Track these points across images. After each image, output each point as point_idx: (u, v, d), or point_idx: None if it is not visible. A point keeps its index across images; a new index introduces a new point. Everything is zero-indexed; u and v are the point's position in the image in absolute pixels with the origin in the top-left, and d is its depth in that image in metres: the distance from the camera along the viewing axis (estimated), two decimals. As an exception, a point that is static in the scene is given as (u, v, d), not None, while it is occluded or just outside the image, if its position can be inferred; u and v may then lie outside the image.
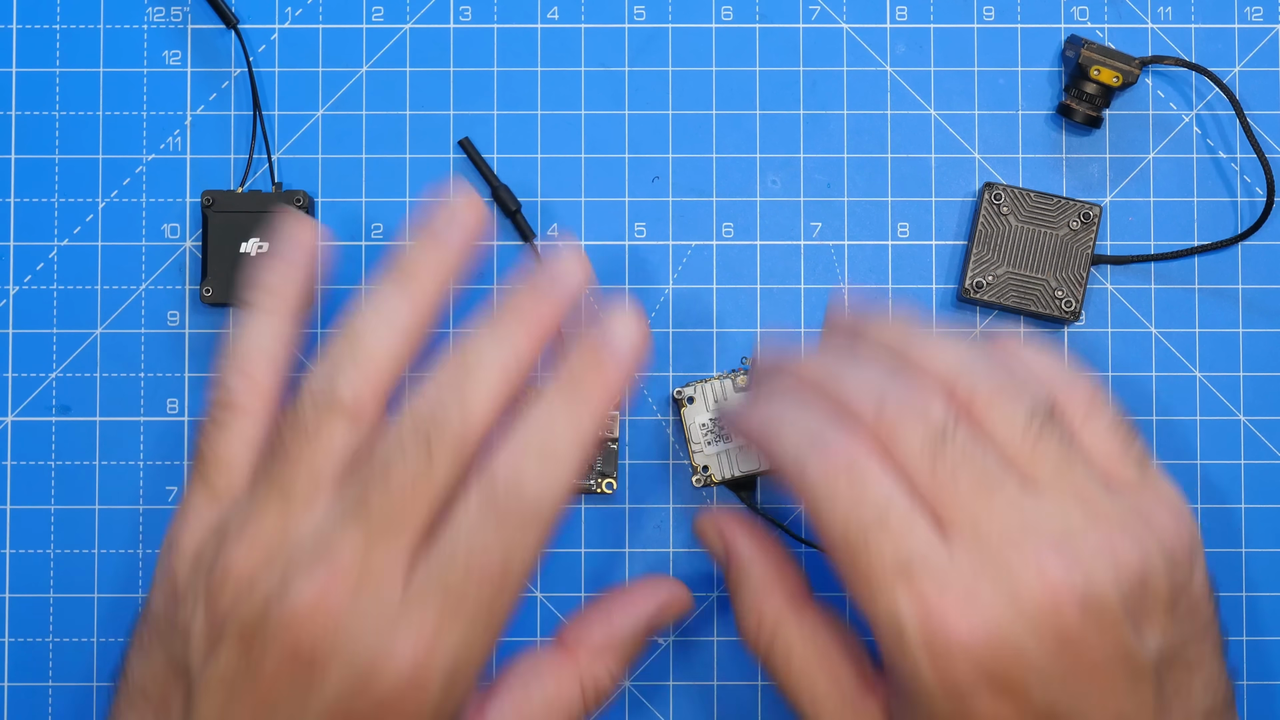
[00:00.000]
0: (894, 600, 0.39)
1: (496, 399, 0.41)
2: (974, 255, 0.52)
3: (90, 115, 0.54)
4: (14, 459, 0.53)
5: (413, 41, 0.54)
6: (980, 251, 0.52)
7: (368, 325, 0.42)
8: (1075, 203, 0.52)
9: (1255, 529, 0.53)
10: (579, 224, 0.54)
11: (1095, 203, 0.52)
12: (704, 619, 0.53)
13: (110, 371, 0.53)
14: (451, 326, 0.53)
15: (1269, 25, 0.54)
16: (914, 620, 0.39)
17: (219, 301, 0.52)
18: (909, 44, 0.54)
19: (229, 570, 0.40)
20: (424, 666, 0.39)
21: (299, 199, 0.52)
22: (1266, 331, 0.53)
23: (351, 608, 0.39)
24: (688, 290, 0.54)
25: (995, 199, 0.52)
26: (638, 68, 0.54)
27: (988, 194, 0.52)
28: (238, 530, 0.41)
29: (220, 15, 0.53)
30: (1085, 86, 0.52)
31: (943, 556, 0.39)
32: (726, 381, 0.52)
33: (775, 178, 0.54)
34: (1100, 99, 0.52)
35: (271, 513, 0.41)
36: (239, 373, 0.43)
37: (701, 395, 0.52)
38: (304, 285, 0.45)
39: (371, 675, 0.39)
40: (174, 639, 0.41)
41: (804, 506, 0.41)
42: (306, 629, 0.39)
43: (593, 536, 0.53)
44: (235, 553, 0.40)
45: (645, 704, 0.53)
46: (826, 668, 0.44)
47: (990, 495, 0.40)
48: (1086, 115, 0.52)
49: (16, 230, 0.53)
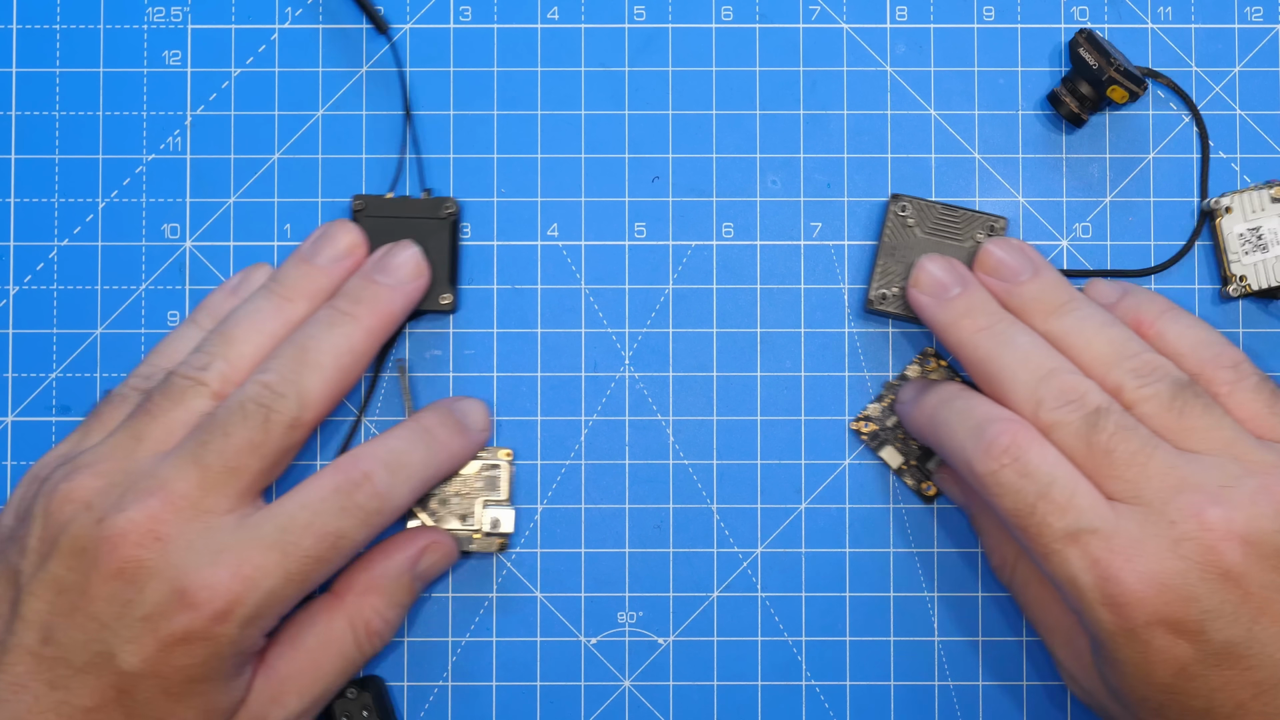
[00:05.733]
0: (1067, 562, 0.43)
1: (330, 386, 0.47)
2: (879, 266, 0.52)
3: (90, 115, 0.54)
4: (14, 459, 0.53)
5: (413, 42, 0.54)
6: (885, 263, 0.52)
7: (241, 328, 0.49)
8: (981, 215, 0.52)
9: (1255, 529, 0.53)
10: (579, 224, 0.54)
11: (1001, 215, 0.52)
12: (704, 618, 0.53)
13: (110, 372, 0.53)
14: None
15: (1269, 25, 0.54)
16: (1088, 577, 0.43)
17: None
18: (909, 44, 0.54)
19: (71, 492, 0.45)
20: (236, 599, 0.44)
21: (448, 206, 0.52)
22: (1266, 331, 0.53)
23: (179, 534, 0.44)
24: (688, 290, 0.54)
25: (901, 210, 0.52)
26: (638, 68, 0.54)
27: (893, 205, 0.52)
28: (88, 462, 0.46)
29: (373, 20, 0.53)
30: (1083, 88, 0.52)
31: (1108, 518, 0.43)
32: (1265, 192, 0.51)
33: (775, 178, 0.54)
34: (1093, 104, 0.52)
35: (122, 450, 0.46)
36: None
37: (1239, 205, 0.51)
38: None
39: (185, 597, 0.44)
40: (11, 550, 0.46)
41: (981, 494, 0.46)
42: (133, 547, 0.44)
43: (593, 537, 0.53)
44: (79, 478, 0.45)
45: (645, 704, 0.53)
46: (1057, 599, 0.48)
47: (1146, 462, 0.44)
48: (1072, 112, 0.52)
49: (16, 230, 0.54)
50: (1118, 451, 0.44)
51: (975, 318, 0.48)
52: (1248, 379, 0.47)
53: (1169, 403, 0.45)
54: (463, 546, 0.52)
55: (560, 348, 0.53)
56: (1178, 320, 0.49)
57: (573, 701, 0.53)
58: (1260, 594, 0.42)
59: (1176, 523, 0.43)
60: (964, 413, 0.47)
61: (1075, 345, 0.47)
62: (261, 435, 0.46)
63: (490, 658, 0.53)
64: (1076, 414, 0.45)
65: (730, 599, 0.53)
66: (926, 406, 0.49)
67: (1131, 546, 0.43)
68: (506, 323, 0.53)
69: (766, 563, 0.53)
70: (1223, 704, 0.43)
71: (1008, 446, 0.44)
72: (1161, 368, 0.46)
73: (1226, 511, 0.42)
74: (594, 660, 0.53)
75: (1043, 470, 0.44)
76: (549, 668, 0.53)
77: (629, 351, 0.53)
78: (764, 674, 0.53)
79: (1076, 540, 0.43)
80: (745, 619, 0.53)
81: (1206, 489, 0.43)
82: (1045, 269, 0.50)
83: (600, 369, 0.53)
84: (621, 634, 0.53)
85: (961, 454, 0.46)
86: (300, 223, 0.53)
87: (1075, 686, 0.48)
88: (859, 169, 0.54)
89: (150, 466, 0.46)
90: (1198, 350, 0.48)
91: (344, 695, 0.51)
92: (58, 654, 0.44)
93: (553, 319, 0.53)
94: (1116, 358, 0.46)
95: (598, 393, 0.53)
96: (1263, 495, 0.43)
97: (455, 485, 0.52)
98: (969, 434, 0.46)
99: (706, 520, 0.53)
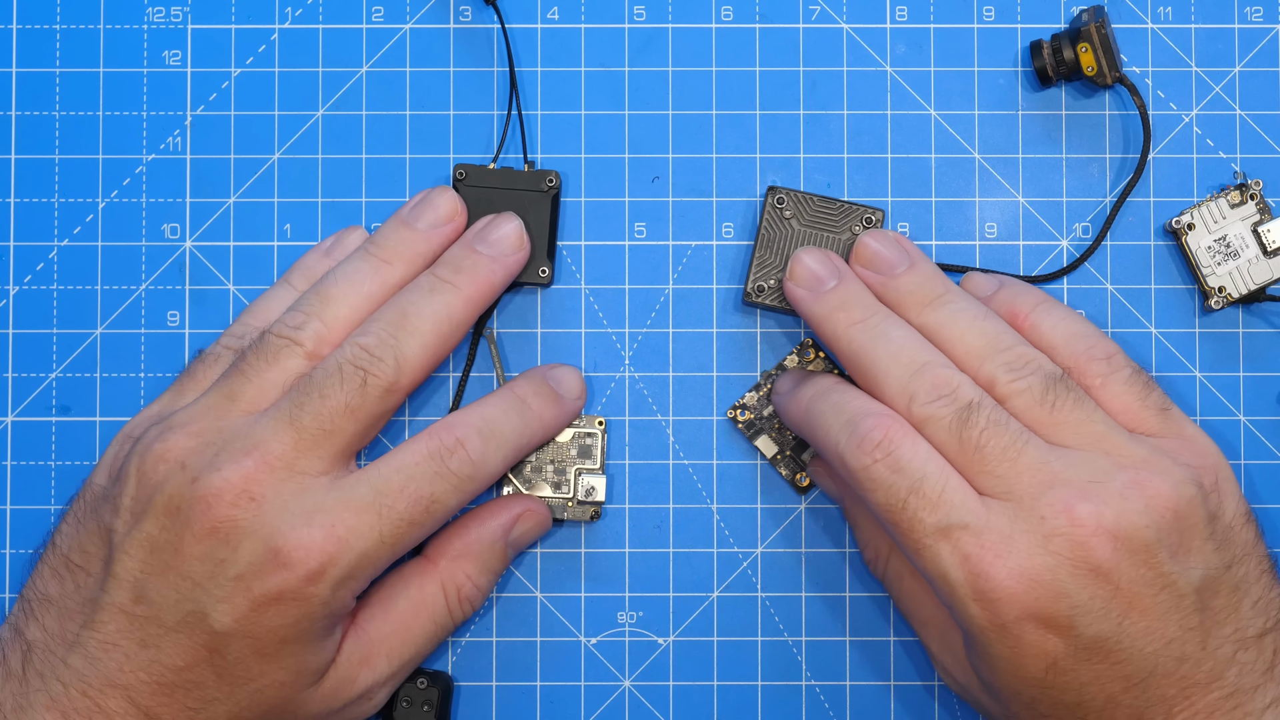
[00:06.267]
0: (939, 558, 0.43)
1: (428, 353, 0.47)
2: (756, 259, 0.52)
3: (90, 115, 0.54)
4: (14, 459, 0.53)
5: (412, 42, 0.54)
6: (763, 255, 0.52)
7: (338, 288, 0.48)
8: (858, 207, 0.52)
9: (1255, 529, 0.53)
10: (579, 224, 0.54)
11: (878, 207, 0.52)
12: (704, 618, 0.53)
13: (110, 371, 0.53)
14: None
15: (1269, 25, 0.54)
16: (959, 573, 0.43)
17: None
18: (909, 44, 0.54)
19: (165, 452, 0.45)
20: (330, 559, 0.44)
21: (550, 179, 0.52)
22: (1267, 332, 0.53)
23: (273, 495, 0.44)
24: (688, 290, 0.54)
25: (778, 202, 0.52)
26: (638, 68, 0.54)
27: (770, 197, 0.52)
28: (182, 421, 0.46)
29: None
30: (1065, 51, 0.52)
31: (979, 514, 0.43)
32: (1221, 201, 0.51)
33: (775, 177, 0.54)
34: (1064, 70, 0.52)
35: (216, 410, 0.46)
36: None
37: (1200, 219, 0.51)
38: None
39: (279, 556, 0.44)
40: (104, 509, 0.46)
41: (854, 488, 0.46)
42: (227, 506, 0.44)
43: (592, 537, 0.53)
44: (173, 438, 0.46)
45: (645, 704, 0.53)
46: (930, 593, 0.48)
47: (1017, 458, 0.44)
48: (1043, 69, 0.52)
49: (16, 230, 0.53)
50: (989, 447, 0.44)
51: (850, 311, 0.48)
52: (1120, 370, 0.47)
53: (1041, 397, 0.45)
54: (556, 515, 0.52)
55: (560, 347, 0.53)
56: (1051, 313, 0.49)
57: (573, 701, 0.53)
58: (1129, 589, 0.42)
59: (1047, 518, 0.43)
60: (838, 407, 0.46)
61: (949, 338, 0.47)
62: (358, 399, 0.45)
63: (490, 658, 0.53)
64: (948, 409, 0.44)
65: (730, 599, 0.53)
66: (801, 399, 0.49)
67: (1002, 542, 0.43)
68: (507, 323, 0.53)
69: (766, 563, 0.53)
70: (1094, 697, 0.43)
71: (880, 441, 0.44)
72: (1034, 361, 0.46)
73: (1096, 507, 0.43)
74: (594, 660, 0.53)
75: (914, 465, 0.44)
76: (549, 668, 0.53)
77: (629, 351, 0.53)
78: (764, 674, 0.53)
79: (948, 536, 0.43)
80: (745, 619, 0.53)
81: (1076, 484, 0.43)
82: (921, 261, 0.49)
83: (600, 369, 0.53)
84: (621, 634, 0.53)
85: (835, 448, 0.46)
86: (300, 223, 0.53)
87: (949, 680, 0.49)
88: (859, 169, 0.54)
89: (245, 426, 0.45)
90: (1071, 343, 0.48)
91: (414, 680, 0.50)
92: (150, 612, 0.44)
93: (553, 319, 0.53)
94: (990, 350, 0.46)
95: (598, 392, 0.53)
96: (1132, 490, 0.43)
97: (549, 453, 0.52)
98: (842, 428, 0.45)
99: (706, 520, 0.53)
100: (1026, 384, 0.45)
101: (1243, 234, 0.52)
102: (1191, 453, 0.46)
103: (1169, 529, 0.43)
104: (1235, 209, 0.52)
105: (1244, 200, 0.52)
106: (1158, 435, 0.46)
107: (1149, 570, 0.43)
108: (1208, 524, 0.44)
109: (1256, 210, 0.52)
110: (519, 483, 0.52)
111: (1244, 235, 0.52)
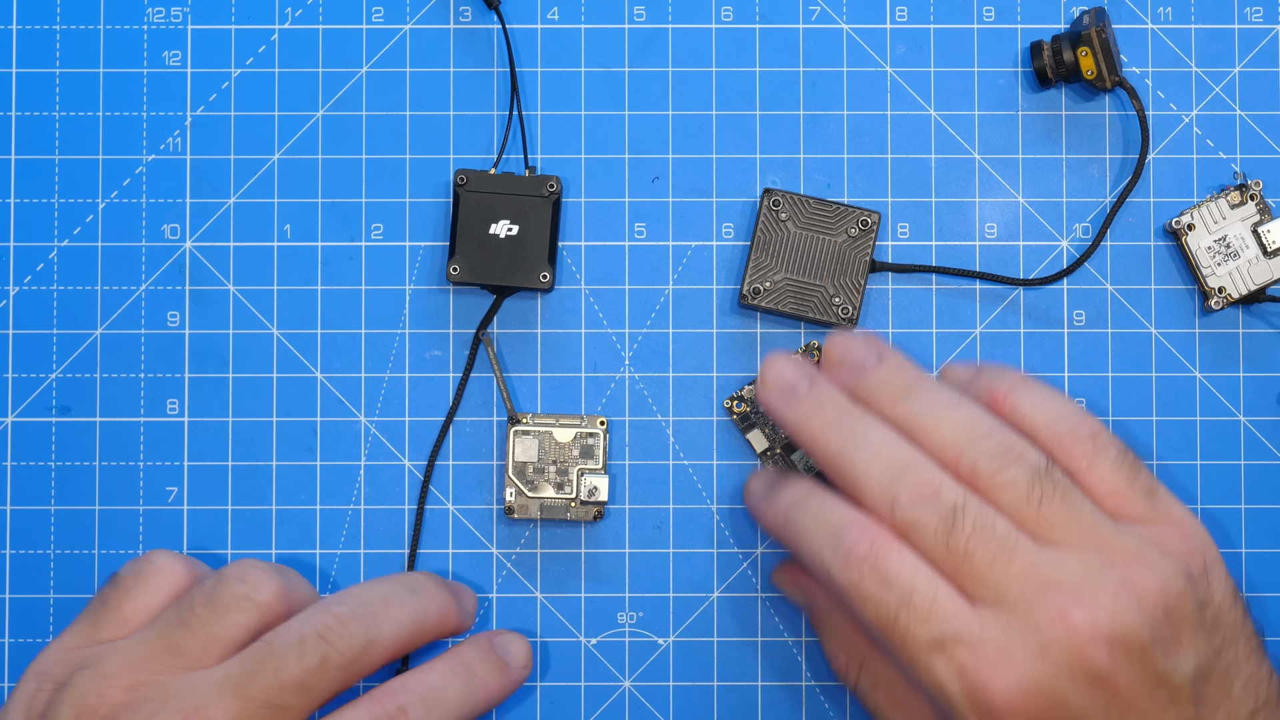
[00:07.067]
0: (934, 671, 0.42)
1: (398, 644, 0.46)
2: (753, 261, 0.52)
3: (90, 116, 0.54)
4: (14, 459, 0.53)
5: (413, 42, 0.54)
6: (759, 257, 0.52)
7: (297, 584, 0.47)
8: (854, 210, 0.52)
9: (1255, 529, 0.53)
10: (579, 224, 0.54)
11: (874, 209, 0.52)
12: (704, 619, 0.53)
13: (110, 372, 0.53)
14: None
15: (1269, 25, 0.54)
16: (956, 686, 0.42)
17: (465, 281, 0.52)
18: (909, 44, 0.54)
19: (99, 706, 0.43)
20: None
21: (551, 184, 0.52)
22: (1267, 333, 0.53)
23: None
24: (688, 290, 0.54)
25: (774, 205, 0.52)
26: (638, 68, 0.54)
27: (766, 200, 0.52)
28: (115, 671, 0.44)
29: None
30: (1065, 54, 0.52)
31: (972, 625, 0.42)
32: (1221, 201, 0.51)
33: (775, 178, 0.54)
34: (1064, 73, 0.52)
35: (154, 663, 0.44)
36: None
37: (1200, 220, 0.51)
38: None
39: None
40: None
41: (843, 603, 0.44)
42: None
43: (592, 538, 0.53)
44: (109, 691, 0.43)
45: (645, 704, 0.53)
46: (912, 698, 0.47)
47: (1007, 561, 0.42)
48: (1043, 70, 0.52)
49: (16, 230, 0.54)
50: (977, 554, 0.42)
51: (825, 414, 0.46)
52: (1105, 451, 0.46)
53: (1026, 494, 0.44)
54: (559, 515, 0.52)
55: (560, 348, 0.53)
56: (1030, 392, 0.47)
57: (573, 701, 0.53)
58: (1128, 691, 0.42)
59: (1042, 627, 0.42)
60: (819, 518, 0.45)
61: (925, 429, 0.45)
62: (315, 676, 0.44)
63: (490, 658, 0.53)
64: (933, 514, 0.43)
65: (730, 599, 0.53)
66: (780, 507, 0.47)
67: (998, 653, 0.42)
68: (507, 324, 0.53)
69: (766, 563, 0.53)
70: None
71: (865, 555, 0.43)
72: (1014, 448, 0.44)
73: (1091, 613, 0.42)
74: (594, 660, 0.53)
75: (903, 577, 0.43)
76: (549, 668, 0.53)
77: (629, 351, 0.53)
78: (764, 674, 0.53)
79: (942, 649, 0.42)
80: (745, 619, 0.53)
81: (1069, 589, 0.42)
82: (889, 354, 0.48)
83: (600, 369, 0.53)
84: (621, 634, 0.53)
85: (820, 563, 0.44)
86: (300, 223, 0.53)
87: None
88: (859, 169, 0.54)
89: (187, 687, 0.44)
90: (1053, 424, 0.46)
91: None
92: None
93: (553, 319, 0.53)
94: (968, 439, 0.45)
95: (598, 393, 0.53)
96: (1124, 590, 0.42)
97: (552, 453, 0.52)
98: (825, 541, 0.44)
99: (706, 520, 0.53)
100: (1010, 477, 0.44)
101: (1243, 234, 0.52)
102: (1180, 537, 0.44)
103: (1161, 624, 0.42)
104: (1235, 209, 0.52)
105: (1244, 201, 0.52)
106: (1145, 521, 0.45)
107: (1145, 670, 0.42)
108: (1198, 613, 0.43)
109: (1256, 210, 0.52)
110: (521, 484, 0.52)
111: (1244, 236, 0.52)
